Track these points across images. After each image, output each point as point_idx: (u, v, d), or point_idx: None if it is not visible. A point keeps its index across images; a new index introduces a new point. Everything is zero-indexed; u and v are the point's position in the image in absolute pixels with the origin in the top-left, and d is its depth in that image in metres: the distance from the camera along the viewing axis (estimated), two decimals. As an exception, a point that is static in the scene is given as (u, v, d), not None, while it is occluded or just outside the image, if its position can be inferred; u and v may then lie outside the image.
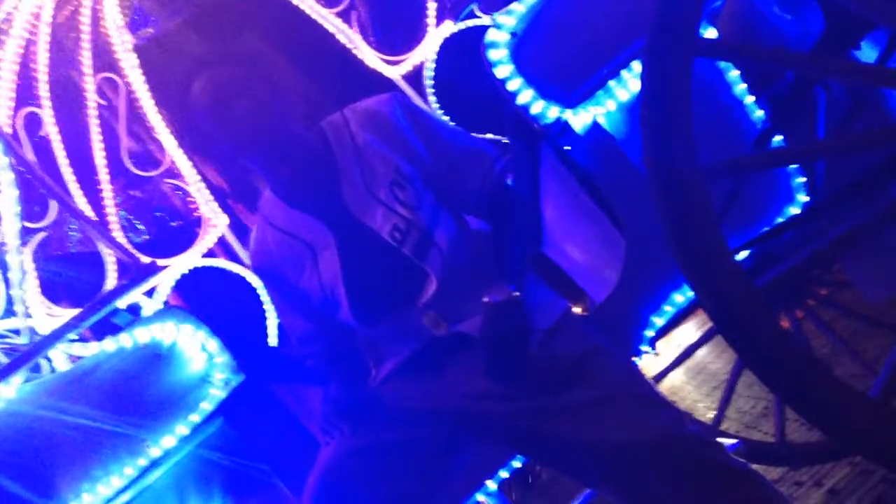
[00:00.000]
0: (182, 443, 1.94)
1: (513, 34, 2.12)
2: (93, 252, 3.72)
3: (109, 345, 1.93)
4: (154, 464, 1.94)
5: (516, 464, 2.09)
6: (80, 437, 1.90)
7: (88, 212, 3.37)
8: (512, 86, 2.12)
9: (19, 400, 1.92)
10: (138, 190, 4.74)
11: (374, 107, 1.78)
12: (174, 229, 5.23)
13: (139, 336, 1.94)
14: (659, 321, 2.15)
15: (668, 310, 2.15)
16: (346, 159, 1.77)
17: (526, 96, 2.12)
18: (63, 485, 1.89)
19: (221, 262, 3.96)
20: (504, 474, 2.07)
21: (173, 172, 4.00)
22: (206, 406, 1.95)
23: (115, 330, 2.10)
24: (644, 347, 2.13)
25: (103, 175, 3.61)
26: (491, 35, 2.13)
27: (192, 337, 1.94)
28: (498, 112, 2.22)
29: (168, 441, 1.93)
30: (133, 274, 2.12)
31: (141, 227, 4.96)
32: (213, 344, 1.96)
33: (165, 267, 2.29)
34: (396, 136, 1.75)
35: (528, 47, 2.12)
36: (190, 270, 3.60)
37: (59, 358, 2.59)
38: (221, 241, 3.87)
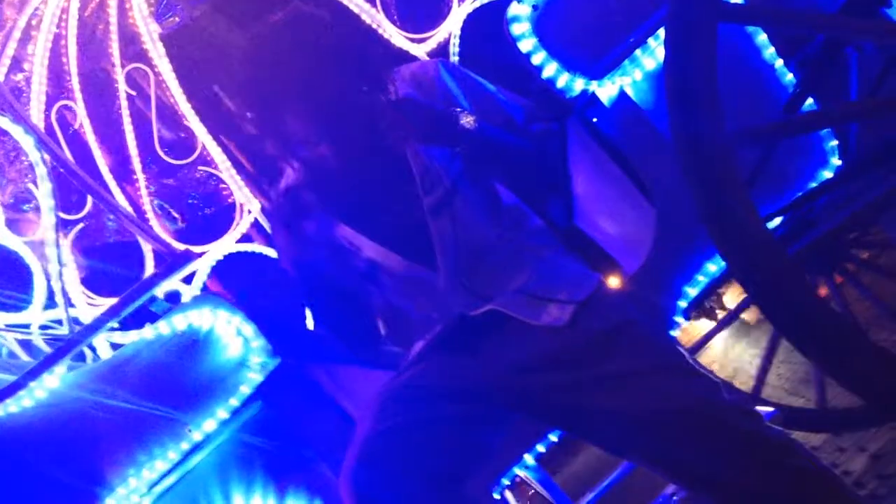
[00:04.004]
0: (223, 426, 1.98)
1: (535, 7, 2.10)
2: (131, 241, 3.78)
3: (148, 332, 1.96)
4: (196, 447, 1.98)
5: (553, 437, 2.09)
6: (124, 423, 1.94)
7: (123, 202, 3.43)
8: (537, 59, 2.10)
9: (63, 389, 1.96)
10: (172, 178, 4.79)
11: (421, 67, 1.82)
12: (208, 216, 5.29)
13: (177, 323, 1.97)
14: (693, 291, 2.13)
15: (702, 280, 2.13)
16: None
17: (551, 69, 2.10)
18: (110, 470, 1.93)
19: (256, 247, 4.01)
20: (541, 448, 2.08)
21: (206, 160, 4.04)
22: (245, 390, 1.98)
23: (153, 318, 2.14)
24: (678, 318, 2.12)
25: (137, 164, 3.67)
26: (513, 9, 2.12)
27: (228, 322, 1.97)
28: (524, 86, 2.21)
29: (209, 425, 1.97)
30: (169, 262, 2.14)
31: (176, 214, 5.01)
32: (249, 328, 1.98)
33: (201, 254, 2.32)
34: (440, 97, 1.78)
35: (550, 20, 2.10)
36: (226, 256, 3.65)
37: (101, 346, 2.65)
38: (255, 226, 3.92)
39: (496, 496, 2.20)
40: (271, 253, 3.87)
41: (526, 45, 2.10)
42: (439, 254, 1.84)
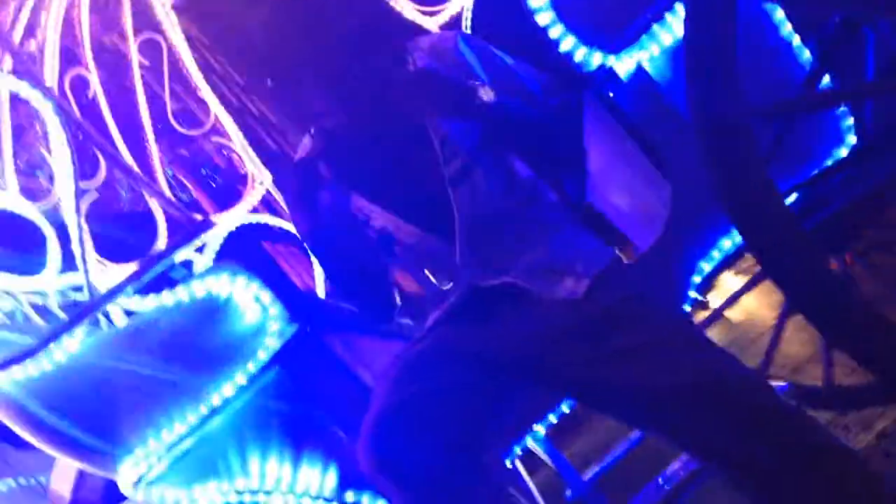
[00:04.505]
0: (240, 391, 2.01)
1: (552, -20, 2.10)
2: (143, 211, 3.80)
3: (167, 298, 1.99)
4: (214, 411, 2.01)
5: (565, 408, 2.12)
6: (143, 386, 1.98)
7: (137, 171, 3.44)
8: (554, 33, 2.11)
9: (82, 353, 2.00)
10: (184, 149, 4.81)
11: (439, 39, 1.83)
12: (220, 187, 5.31)
13: (196, 290, 2.00)
14: (707, 267, 2.15)
15: (716, 255, 2.15)
16: None
17: (569, 43, 2.11)
18: (128, 432, 1.97)
19: (267, 218, 4.04)
20: (553, 419, 2.11)
21: (218, 131, 4.06)
22: (263, 355, 2.01)
23: (171, 284, 2.17)
24: (692, 293, 2.14)
25: (150, 134, 3.68)
26: (530, -20, 2.11)
27: (247, 289, 2.00)
28: (539, 60, 2.21)
29: (227, 389, 2.00)
30: (186, 230, 2.17)
31: (188, 185, 5.04)
32: (267, 295, 2.01)
33: (216, 223, 2.34)
34: (458, 69, 1.79)
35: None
36: (238, 227, 3.67)
37: (116, 312, 2.68)
38: (264, 199, 3.94)
39: (508, 465, 2.23)
40: (282, 224, 3.89)
41: (543, 18, 2.10)
42: (458, 224, 1.86)
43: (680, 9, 2.06)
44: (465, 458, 1.69)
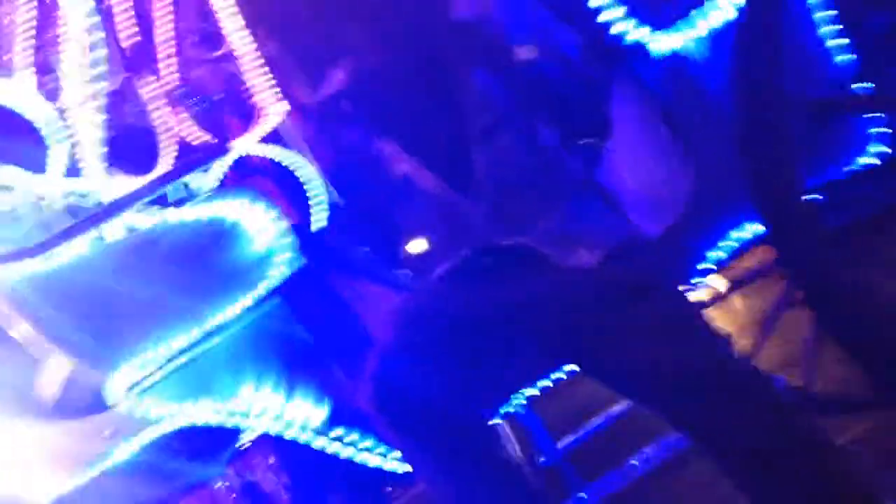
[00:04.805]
0: (242, 315, 2.02)
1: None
2: (146, 128, 3.75)
3: (174, 215, 1.99)
4: (214, 332, 2.02)
5: (560, 374, 2.13)
6: (146, 298, 1.98)
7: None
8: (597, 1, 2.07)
9: (89, 257, 1.99)
10: (199, 70, 4.72)
11: None
12: (229, 113, 5.24)
13: (212, 209, 1.99)
14: (714, 255, 2.16)
15: (725, 245, 2.16)
16: None
17: (610, 12, 2.06)
18: (127, 340, 1.98)
19: (277, 150, 3.99)
20: (545, 383, 2.12)
21: (234, 56, 3.98)
22: (268, 283, 2.02)
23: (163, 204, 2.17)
24: (696, 280, 2.15)
25: (164, 52, 3.62)
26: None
27: (262, 215, 2.00)
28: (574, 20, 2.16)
29: (228, 313, 2.01)
30: (206, 149, 2.16)
31: (197, 108, 4.95)
32: (281, 225, 2.01)
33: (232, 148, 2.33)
34: (499, 24, 1.80)
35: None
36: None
37: (116, 225, 2.66)
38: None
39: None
40: (291, 157, 3.84)
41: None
42: (479, 179, 1.86)
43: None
44: (461, 408, 1.72)
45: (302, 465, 2.75)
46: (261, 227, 1.97)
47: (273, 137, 3.95)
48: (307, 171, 2.55)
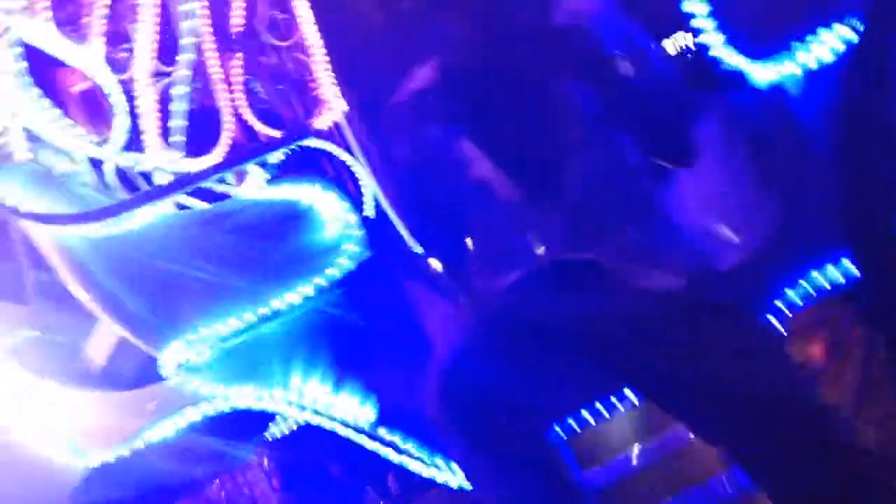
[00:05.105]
0: (302, 303, 1.98)
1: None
2: (209, 108, 3.74)
3: (252, 193, 1.96)
4: (271, 316, 1.98)
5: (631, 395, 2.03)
6: (208, 274, 1.95)
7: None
8: (699, 22, 2.01)
9: (156, 226, 1.97)
10: (267, 58, 4.73)
11: (587, 3, 1.80)
12: (287, 103, 5.24)
13: (285, 192, 1.96)
14: (793, 295, 2.08)
15: (805, 286, 2.08)
16: None
17: (710, 36, 2.01)
18: (184, 315, 1.95)
19: (330, 146, 3.97)
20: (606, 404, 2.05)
21: (303, 47, 3.98)
22: (333, 273, 1.97)
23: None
24: (771, 317, 2.07)
25: (234, 36, 3.61)
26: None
27: (335, 204, 1.96)
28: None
29: (290, 297, 1.97)
30: (289, 131, 2.14)
31: (263, 95, 4.96)
32: (352, 216, 1.97)
33: (318, 131, 2.31)
34: (601, 37, 1.76)
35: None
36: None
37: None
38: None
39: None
40: (343, 155, 3.83)
41: (692, 4, 2.01)
42: (562, 190, 1.83)
43: (838, 28, 1.96)
44: (522, 416, 1.70)
45: (294, 469, 2.73)
46: (334, 215, 1.93)
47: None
48: (359, 169, 2.53)
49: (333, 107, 3.97)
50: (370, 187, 2.22)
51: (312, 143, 3.82)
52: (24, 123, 2.31)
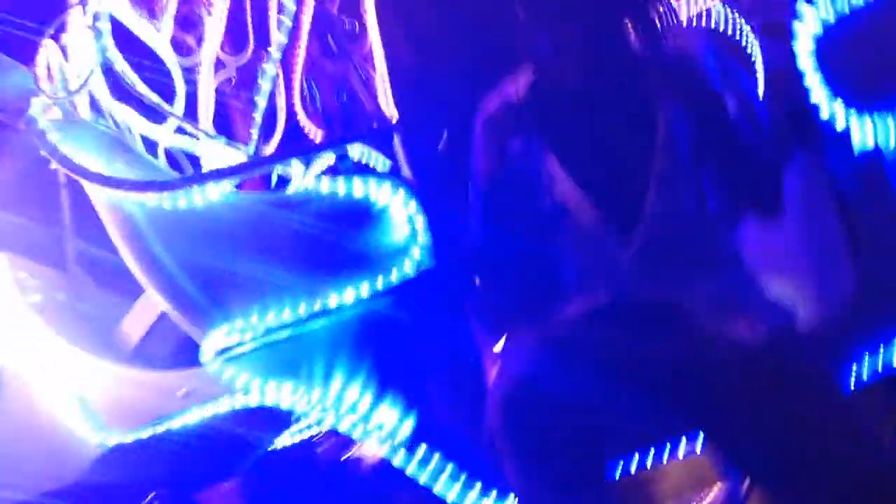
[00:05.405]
0: (358, 303, 1.90)
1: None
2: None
3: (326, 184, 1.89)
4: (323, 313, 1.90)
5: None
6: (265, 261, 1.89)
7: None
8: (803, 65, 1.93)
9: (219, 206, 1.91)
10: (329, 63, 4.70)
11: (692, 35, 1.74)
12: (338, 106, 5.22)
13: (356, 187, 1.89)
14: (873, 360, 1.98)
15: (887, 353, 1.98)
16: None
17: (814, 82, 1.92)
18: (234, 300, 1.88)
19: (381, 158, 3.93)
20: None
21: (364, 56, 3.95)
22: (393, 278, 1.89)
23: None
24: (849, 382, 1.98)
25: (304, 32, 3.59)
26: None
27: (405, 206, 1.89)
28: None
29: (347, 296, 1.89)
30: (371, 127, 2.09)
31: (318, 96, 4.94)
32: (421, 220, 1.90)
33: (398, 126, 2.25)
34: (705, 72, 1.71)
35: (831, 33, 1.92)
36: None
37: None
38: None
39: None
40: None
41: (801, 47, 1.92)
42: (638, 224, 1.77)
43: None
44: (579, 452, 1.63)
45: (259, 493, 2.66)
46: (404, 218, 1.86)
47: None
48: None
49: (389, 116, 3.93)
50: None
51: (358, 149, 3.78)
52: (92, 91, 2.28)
